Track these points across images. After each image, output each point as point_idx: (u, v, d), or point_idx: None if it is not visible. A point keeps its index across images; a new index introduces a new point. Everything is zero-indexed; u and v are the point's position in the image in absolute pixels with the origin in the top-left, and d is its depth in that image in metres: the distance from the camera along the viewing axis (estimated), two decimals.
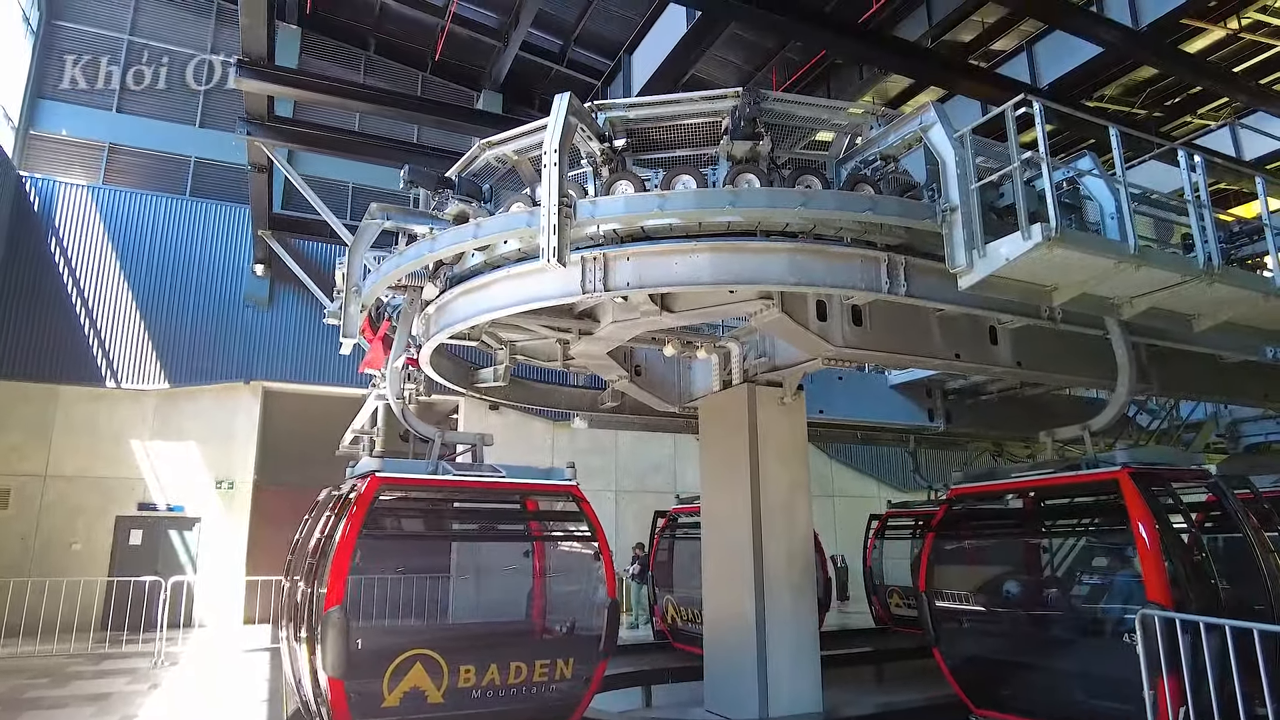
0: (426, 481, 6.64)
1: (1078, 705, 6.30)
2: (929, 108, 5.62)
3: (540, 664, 6.32)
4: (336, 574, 5.63)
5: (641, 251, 5.76)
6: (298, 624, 6.03)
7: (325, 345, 16.23)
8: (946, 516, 8.24)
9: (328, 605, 5.51)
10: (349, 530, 5.80)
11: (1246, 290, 6.13)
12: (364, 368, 10.00)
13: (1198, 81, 13.85)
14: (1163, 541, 5.91)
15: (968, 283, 5.36)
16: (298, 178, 13.15)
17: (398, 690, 5.72)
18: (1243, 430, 13.21)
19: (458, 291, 6.76)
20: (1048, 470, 7.44)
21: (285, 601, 6.72)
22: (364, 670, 5.68)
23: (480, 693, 6.04)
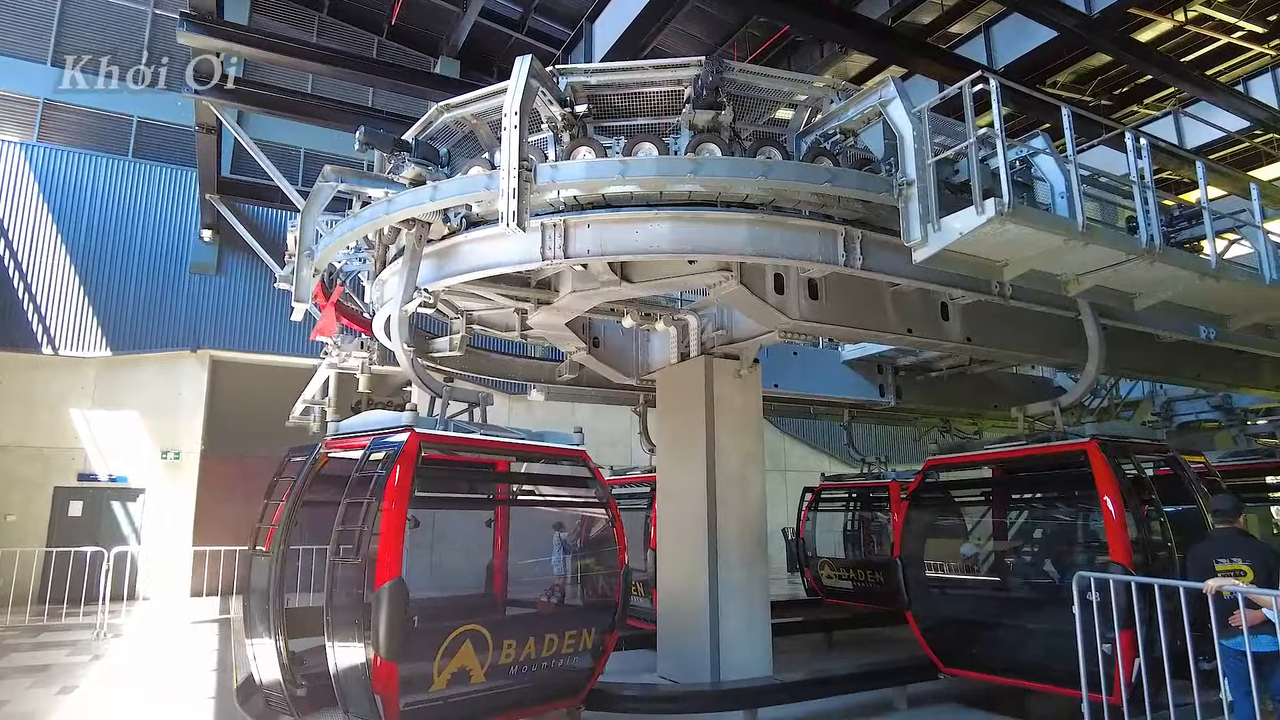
0: (466, 440, 6.11)
1: (1040, 662, 6.58)
2: (889, 83, 5.68)
3: (569, 635, 6.13)
4: (389, 544, 4.93)
5: (602, 219, 5.74)
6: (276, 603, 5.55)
7: (275, 314, 15.86)
8: (921, 486, 8.57)
9: (382, 579, 4.83)
10: (397, 493, 5.09)
11: (1185, 270, 6.36)
12: (316, 335, 9.80)
13: (1146, 70, 14.21)
14: (1125, 507, 6.39)
15: (922, 256, 5.45)
16: (248, 140, 12.76)
17: (446, 671, 5.27)
18: (1176, 409, 13.78)
19: None
20: (1019, 442, 7.89)
21: (252, 576, 6.00)
22: (417, 652, 5.08)
23: (517, 668, 5.75)
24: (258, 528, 6.00)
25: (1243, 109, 13.36)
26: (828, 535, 14.58)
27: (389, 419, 5.91)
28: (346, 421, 6.32)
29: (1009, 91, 6.58)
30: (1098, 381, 8.23)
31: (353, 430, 6.21)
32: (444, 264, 6.42)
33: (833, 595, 13.67)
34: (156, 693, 7.41)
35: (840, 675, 7.91)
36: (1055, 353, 9.06)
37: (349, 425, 6.26)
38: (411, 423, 5.64)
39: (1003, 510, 9.13)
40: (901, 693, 7.78)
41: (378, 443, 5.60)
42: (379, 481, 5.16)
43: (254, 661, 5.81)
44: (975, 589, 8.33)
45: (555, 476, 6.99)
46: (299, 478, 6.03)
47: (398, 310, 6.07)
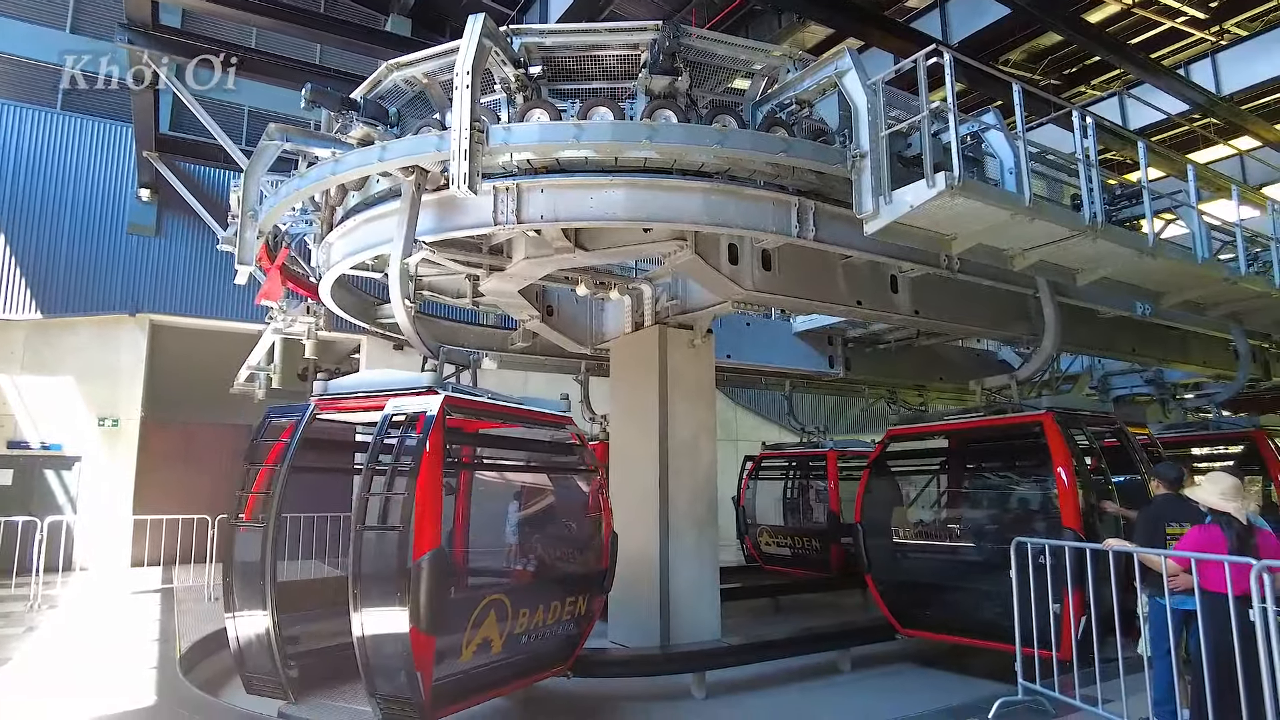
0: (489, 406, 5.86)
1: (993, 622, 6.83)
2: (844, 53, 5.69)
3: (569, 601, 6.08)
4: (426, 512, 4.71)
5: (556, 184, 5.66)
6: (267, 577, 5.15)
7: (219, 277, 15.31)
8: (882, 454, 8.88)
9: (421, 550, 4.61)
10: (429, 459, 4.81)
11: (1124, 248, 6.56)
12: (261, 299, 9.53)
13: (1095, 50, 14.48)
14: (1077, 475, 6.77)
15: (873, 228, 5.52)
16: (188, 95, 12.22)
17: (474, 643, 5.12)
18: (1113, 383, 14.29)
19: (360, 219, 6.50)
20: (978, 413, 8.26)
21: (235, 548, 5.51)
22: (451, 623, 4.92)
23: (527, 636, 5.64)
24: (239, 495, 5.55)
25: (1183, 92, 13.72)
26: (767, 503, 14.87)
27: (405, 380, 5.56)
28: (339, 381, 5.90)
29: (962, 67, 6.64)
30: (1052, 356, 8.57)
31: (353, 390, 5.76)
32: (388, 228, 6.26)
33: (771, 562, 13.98)
34: (95, 663, 7.24)
35: (786, 639, 8.11)
36: (1001, 326, 9.30)
37: (343, 385, 5.83)
38: (433, 384, 5.37)
39: (960, 478, 9.49)
40: (845, 655, 8.02)
41: (400, 404, 5.28)
42: (418, 446, 4.86)
43: (237, 642, 5.38)
44: (932, 553, 8.64)
45: (552, 443, 6.81)
46: (291, 441, 5.53)
47: (398, 264, 5.65)
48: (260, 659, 5.27)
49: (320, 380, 5.86)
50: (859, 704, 6.92)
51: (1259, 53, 13.81)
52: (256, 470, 5.57)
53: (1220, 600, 4.15)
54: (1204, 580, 4.38)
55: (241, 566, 5.39)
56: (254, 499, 5.47)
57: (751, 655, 7.67)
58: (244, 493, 5.54)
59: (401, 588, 4.59)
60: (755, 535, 14.53)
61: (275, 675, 5.20)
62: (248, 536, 5.42)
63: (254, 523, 5.40)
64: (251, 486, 5.52)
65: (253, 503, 5.47)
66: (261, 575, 5.19)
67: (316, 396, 5.74)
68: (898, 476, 9.43)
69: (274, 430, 5.75)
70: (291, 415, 5.71)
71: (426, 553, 4.61)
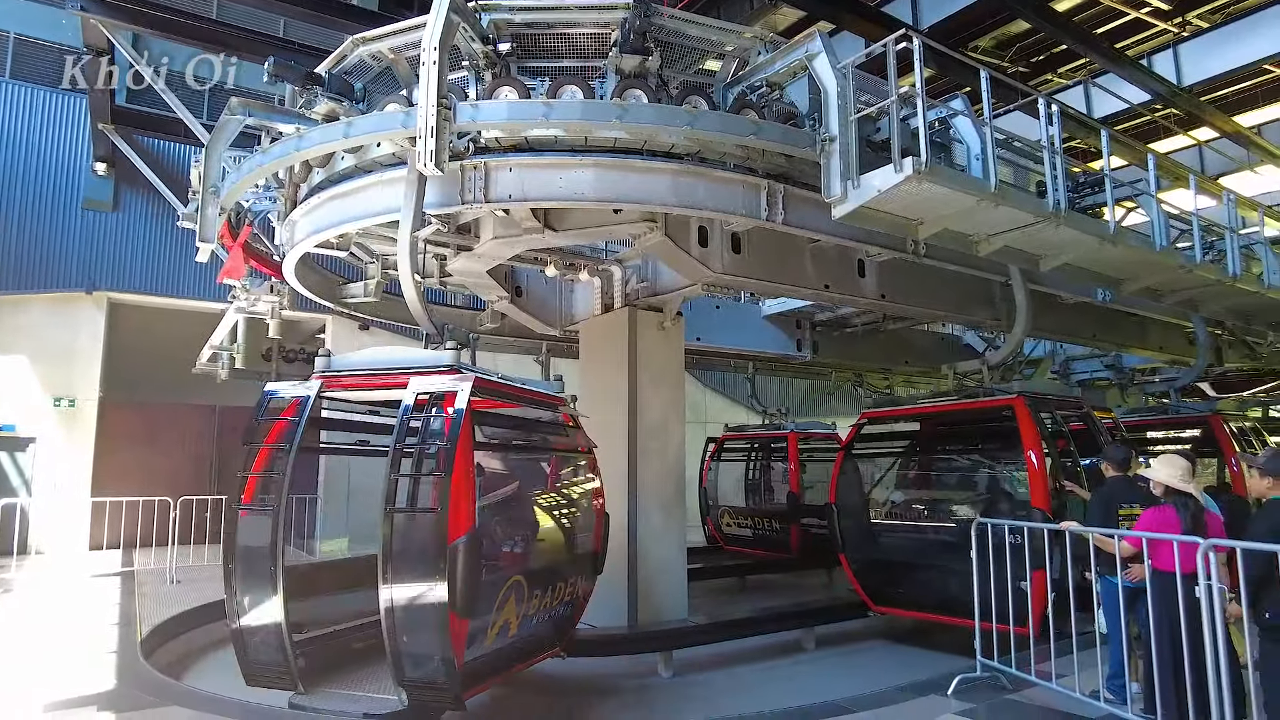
0: (507, 388, 5.78)
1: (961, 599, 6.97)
2: (815, 35, 5.69)
3: (570, 582, 6.08)
4: (461, 494, 4.65)
5: (525, 163, 5.61)
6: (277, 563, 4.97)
7: (179, 255, 14.96)
8: (857, 436, 9.05)
9: (456, 533, 4.56)
10: (461, 439, 4.74)
11: (1086, 234, 6.68)
12: (223, 277, 9.31)
13: (1061, 39, 14.64)
14: (1046, 456, 7.01)
15: (841, 212, 5.55)
16: (144, 65, 11.86)
17: (496, 626, 5.10)
18: (1074, 367, 14.60)
19: (325, 196, 6.38)
20: (950, 397, 8.49)
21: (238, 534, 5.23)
22: (482, 607, 4.88)
23: (535, 619, 5.61)
24: (241, 477, 5.29)
25: (1145, 82, 13.94)
26: (729, 485, 15.02)
27: (423, 358, 5.44)
28: (344, 358, 5.71)
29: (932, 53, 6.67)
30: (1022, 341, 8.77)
31: (363, 367, 5.57)
32: (353, 205, 6.17)
33: (732, 543, 14.14)
34: (52, 648, 7.10)
35: (751, 617, 8.23)
36: (965, 311, 9.45)
37: (350, 362, 5.64)
38: (453, 362, 5.28)
39: (932, 460, 9.68)
40: (810, 634, 8.15)
41: (427, 384, 5.12)
42: (453, 426, 4.78)
43: (240, 632, 5.13)
44: (904, 533, 8.82)
45: (552, 424, 6.75)
46: (300, 420, 5.29)
47: (407, 237, 5.47)
48: (265, 649, 5.07)
49: (321, 357, 5.65)
50: (822, 681, 7.04)
51: (1218, 45, 14.07)
52: (257, 450, 5.36)
53: (1171, 579, 4.28)
54: (1155, 560, 4.51)
55: (245, 552, 5.15)
56: (253, 480, 5.27)
57: (720, 634, 7.78)
58: (245, 474, 5.29)
59: (436, 571, 4.53)
60: (717, 516, 14.67)
61: (283, 665, 5.02)
62: (252, 520, 5.21)
63: (261, 506, 5.20)
64: (252, 467, 5.29)
65: (253, 485, 5.27)
66: (271, 560, 4.99)
67: (321, 374, 5.53)
68: (871, 458, 9.59)
69: (273, 409, 5.52)
70: (291, 393, 5.50)
71: (463, 535, 4.56)
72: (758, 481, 14.69)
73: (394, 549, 4.69)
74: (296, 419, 5.30)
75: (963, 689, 5.35)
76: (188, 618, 8.34)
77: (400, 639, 4.62)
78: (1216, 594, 3.80)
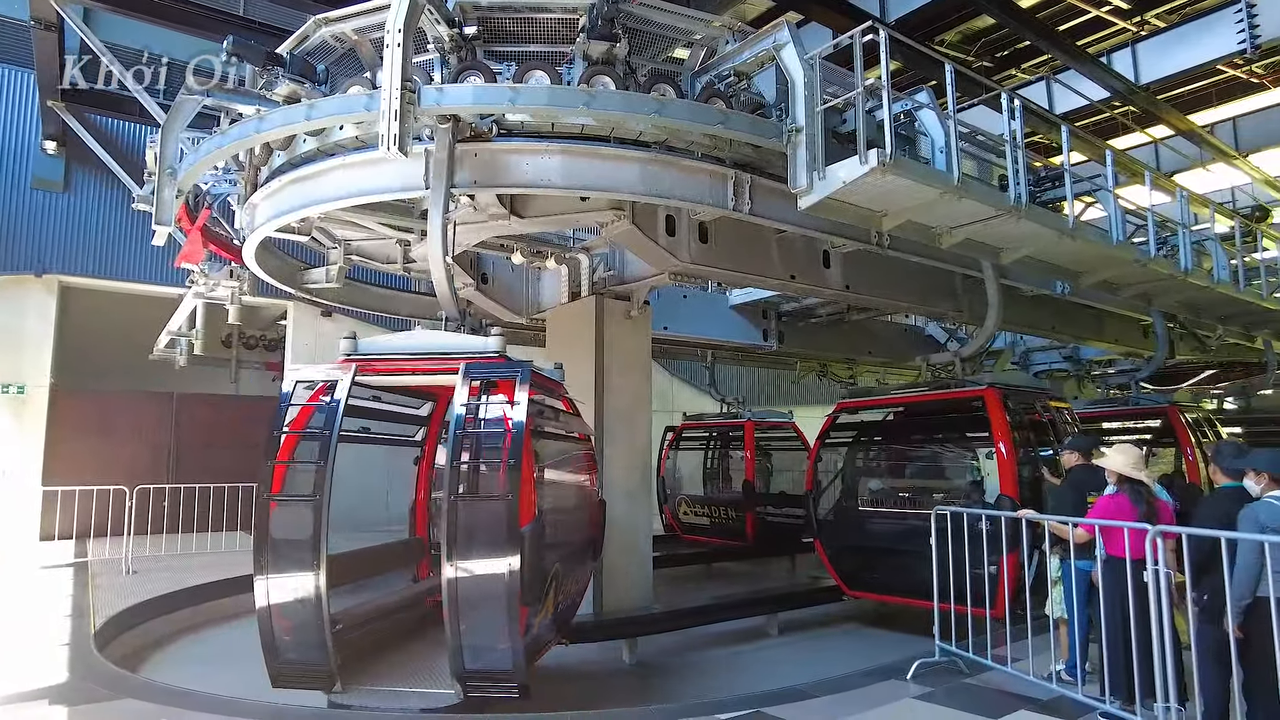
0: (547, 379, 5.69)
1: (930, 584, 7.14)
2: (782, 25, 5.70)
3: (586, 568, 6.12)
4: (528, 481, 4.64)
5: (490, 148, 5.55)
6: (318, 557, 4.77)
7: (135, 238, 14.55)
8: (833, 426, 9.25)
9: (525, 520, 4.57)
10: (524, 427, 4.71)
11: (1046, 228, 6.80)
12: (180, 261, 9.12)
13: (1025, 35, 14.82)
14: (1015, 445, 7.24)
15: (807, 203, 5.58)
16: (97, 42, 11.47)
17: (540, 614, 5.08)
18: (1033, 359, 14.91)
19: (286, 180, 6.26)
20: (923, 388, 8.72)
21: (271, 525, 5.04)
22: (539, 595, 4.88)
23: (561, 606, 5.60)
24: (270, 466, 5.03)
25: (1104, 79, 14.19)
26: (687, 473, 15.11)
27: (470, 344, 5.32)
28: (373, 342, 5.51)
29: (898, 46, 6.74)
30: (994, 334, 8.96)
31: (402, 352, 5.42)
32: (315, 189, 6.06)
33: (689, 531, 14.21)
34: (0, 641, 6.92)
35: (715, 605, 8.31)
36: (928, 302, 9.58)
37: (381, 346, 5.48)
38: (500, 349, 5.20)
39: (904, 448, 9.86)
40: (773, 620, 8.25)
41: (478, 370, 5.04)
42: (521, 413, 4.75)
43: (271, 631, 4.90)
44: (877, 519, 8.97)
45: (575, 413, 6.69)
46: (337, 404, 5.06)
47: (438, 219, 5.32)
48: (302, 647, 4.89)
49: (347, 340, 5.44)
50: (787, 667, 7.14)
51: (1173, 45, 14.37)
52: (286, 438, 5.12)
53: (1122, 564, 4.41)
54: (1108, 546, 4.64)
55: (279, 545, 4.93)
56: (280, 469, 5.06)
57: (687, 621, 7.86)
58: (273, 463, 5.05)
59: (505, 558, 4.50)
60: (675, 505, 14.74)
61: (322, 664, 4.84)
62: (286, 512, 5.00)
63: (300, 497, 4.97)
64: (279, 456, 5.07)
65: (280, 474, 5.06)
66: (313, 554, 4.80)
67: (349, 357, 5.33)
68: (846, 447, 9.73)
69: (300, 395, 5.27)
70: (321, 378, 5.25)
71: (530, 522, 4.56)
72: (715, 470, 14.75)
73: (459, 537, 4.65)
74: (331, 404, 5.07)
75: (921, 673, 5.45)
76: (145, 609, 8.17)
77: (463, 630, 4.58)
78: (1164, 578, 3.92)
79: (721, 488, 14.53)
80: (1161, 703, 3.93)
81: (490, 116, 5.51)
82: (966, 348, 9.11)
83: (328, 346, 15.63)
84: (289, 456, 5.11)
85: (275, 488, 4.98)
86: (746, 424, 13.49)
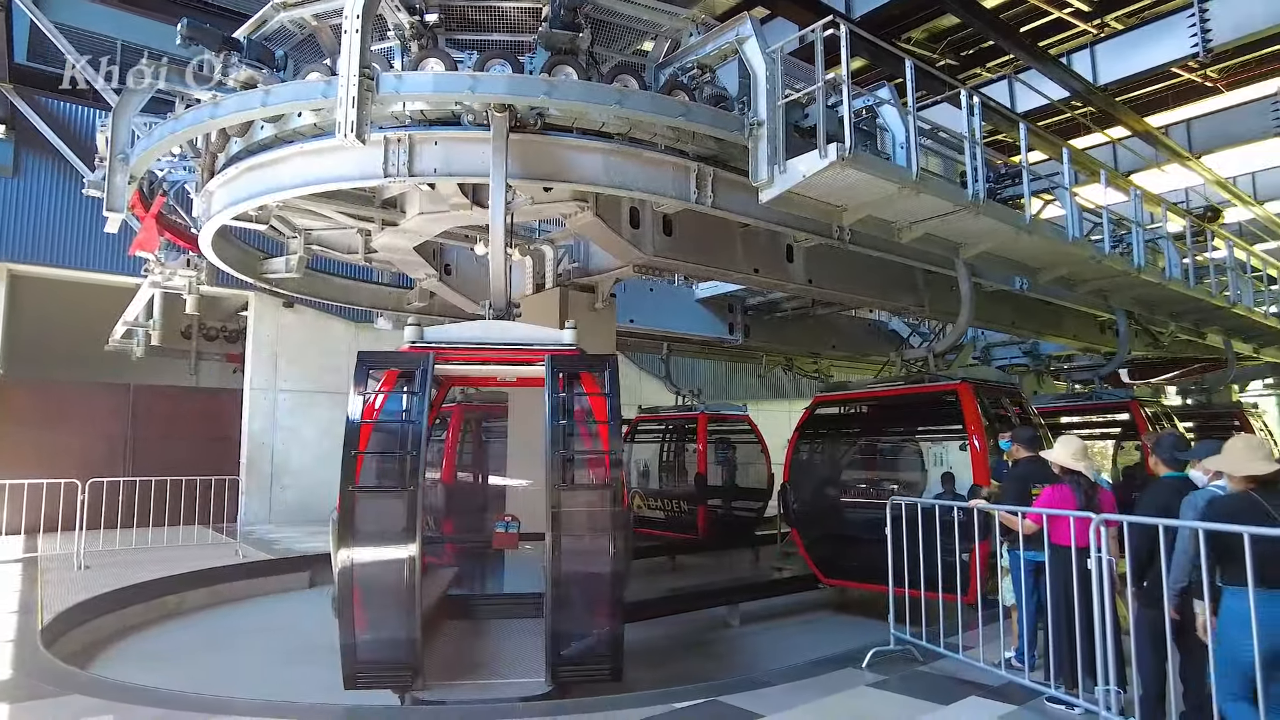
0: None
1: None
2: (745, 19, 5.72)
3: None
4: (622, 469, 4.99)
5: (451, 136, 5.52)
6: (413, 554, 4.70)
7: (88, 225, 14.16)
8: (810, 419, 9.42)
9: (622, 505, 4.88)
10: (619, 418, 5.07)
11: (1003, 224, 6.92)
12: (135, 249, 8.90)
13: (988, 34, 15.04)
14: (987, 437, 7.38)
15: (768, 196, 5.62)
16: (46, 22, 11.15)
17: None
18: (993, 353, 15.17)
19: (243, 167, 6.15)
20: (898, 382, 8.87)
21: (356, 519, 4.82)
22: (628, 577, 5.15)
23: None
24: (352, 456, 4.83)
25: (1065, 80, 14.44)
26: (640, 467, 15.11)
27: (545, 336, 5.52)
28: (440, 330, 5.54)
29: (863, 42, 6.84)
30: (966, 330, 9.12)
31: (479, 342, 5.48)
32: (273, 177, 5.96)
33: (643, 525, 14.17)
34: None
35: (679, 595, 8.36)
36: (890, 297, 9.70)
37: (451, 335, 5.51)
38: (574, 343, 5.36)
39: (879, 441, 10.00)
40: (735, 610, 8.31)
41: (564, 363, 5.21)
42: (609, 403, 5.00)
43: (354, 630, 4.70)
44: (851, 510, 9.12)
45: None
46: (421, 391, 5.00)
47: (500, 209, 5.41)
48: (386, 646, 4.79)
49: (412, 327, 5.39)
50: (745, 658, 7.21)
51: (1130, 47, 14.66)
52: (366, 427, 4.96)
53: (1066, 552, 4.51)
54: (1053, 535, 4.75)
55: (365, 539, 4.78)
56: (360, 460, 4.90)
57: (647, 611, 7.86)
58: (356, 453, 4.86)
59: (609, 543, 4.73)
60: (630, 498, 14.73)
61: (408, 662, 4.76)
62: (371, 504, 4.86)
63: (392, 488, 4.87)
64: (360, 446, 4.89)
65: (361, 464, 4.91)
66: (407, 549, 4.72)
67: (419, 344, 5.27)
68: (823, 439, 9.88)
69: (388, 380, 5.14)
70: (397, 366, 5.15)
71: (627, 507, 4.80)
72: (669, 463, 14.74)
73: (564, 526, 4.80)
74: (416, 391, 4.99)
75: (877, 661, 5.53)
76: (96, 604, 7.98)
77: (562, 616, 4.75)
78: (1106, 566, 4.02)
79: (675, 481, 14.52)
80: (1102, 685, 4.04)
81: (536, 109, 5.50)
82: (940, 343, 9.30)
83: (289, 338, 15.48)
84: (371, 446, 4.97)
85: (358, 479, 4.85)
86: (700, 416, 13.49)
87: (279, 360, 15.04)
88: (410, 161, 5.48)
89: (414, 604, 4.72)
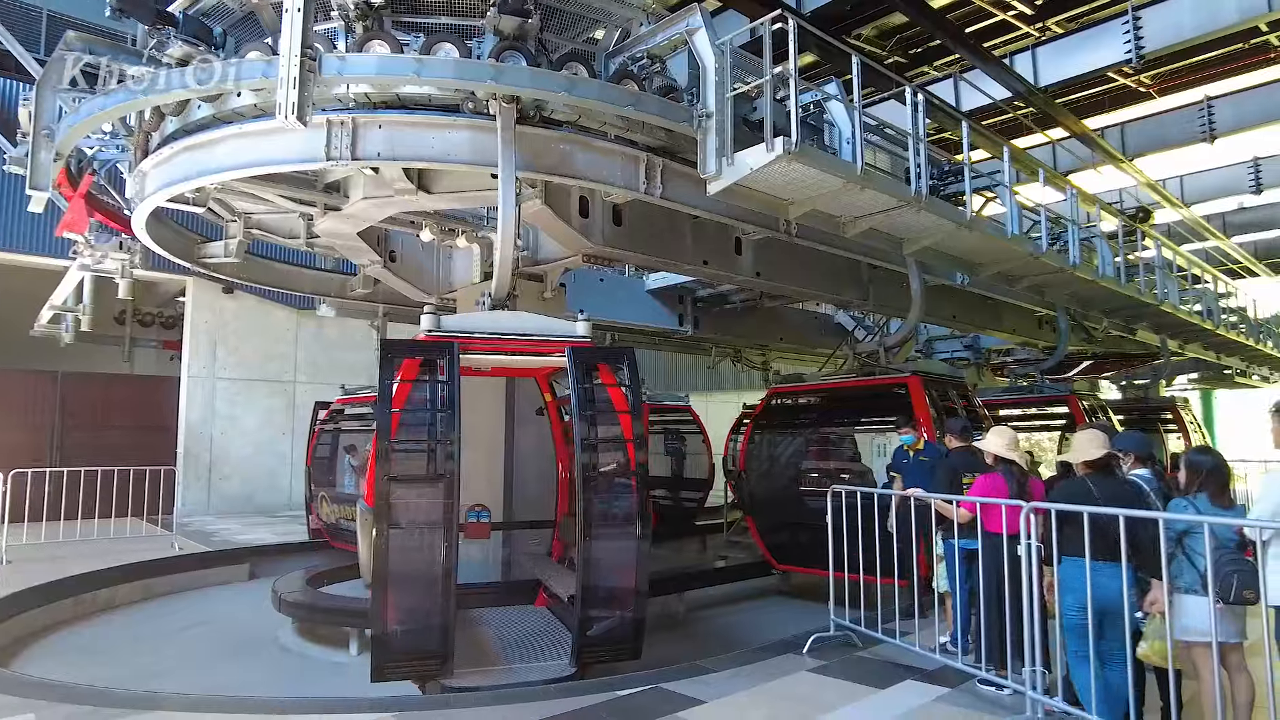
0: None
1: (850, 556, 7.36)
2: (695, 10, 5.72)
3: None
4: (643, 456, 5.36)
5: (395, 120, 5.42)
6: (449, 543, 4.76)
7: (11, 204, 13.52)
8: (765, 410, 9.72)
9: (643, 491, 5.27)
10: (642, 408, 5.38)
11: (945, 220, 7.08)
12: (63, 230, 8.54)
13: (935, 33, 15.33)
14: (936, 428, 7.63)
15: (715, 188, 5.65)
16: None
17: None
18: (935, 347, 15.53)
19: (179, 147, 5.95)
20: (850, 375, 9.26)
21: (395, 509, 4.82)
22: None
23: None
24: (388, 446, 4.82)
25: (1007, 81, 14.82)
26: None
27: (558, 328, 5.70)
28: (456, 319, 5.57)
29: (813, 38, 6.91)
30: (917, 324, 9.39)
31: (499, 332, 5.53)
32: (210, 158, 5.78)
33: None
34: None
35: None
36: (836, 290, 9.86)
37: (468, 325, 5.54)
38: (588, 334, 5.58)
39: (831, 430, 10.14)
40: (679, 600, 8.39)
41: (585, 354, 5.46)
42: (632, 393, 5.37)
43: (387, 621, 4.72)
44: (802, 498, 9.26)
45: None
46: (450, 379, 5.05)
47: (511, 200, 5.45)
48: (420, 636, 4.80)
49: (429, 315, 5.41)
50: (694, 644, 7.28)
51: (1070, 51, 15.10)
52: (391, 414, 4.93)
53: (999, 539, 4.66)
54: (986, 522, 4.90)
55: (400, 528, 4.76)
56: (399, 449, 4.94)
57: None
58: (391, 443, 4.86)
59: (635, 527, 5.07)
60: None
61: (439, 651, 4.80)
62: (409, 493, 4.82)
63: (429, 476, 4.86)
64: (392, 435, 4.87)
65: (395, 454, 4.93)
66: (445, 538, 4.75)
67: (435, 333, 5.30)
68: (775, 430, 10.03)
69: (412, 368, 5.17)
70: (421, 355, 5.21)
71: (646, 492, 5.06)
72: None
73: (594, 511, 5.09)
74: (444, 379, 5.07)
75: (817, 647, 5.64)
76: (19, 600, 7.67)
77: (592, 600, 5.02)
78: (1034, 552, 4.17)
79: None
80: (1029, 666, 4.20)
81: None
82: (890, 337, 9.64)
83: (229, 324, 15.01)
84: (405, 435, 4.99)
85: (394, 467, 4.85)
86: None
87: (218, 347, 14.60)
88: (354, 145, 5.36)
89: (450, 590, 4.79)
